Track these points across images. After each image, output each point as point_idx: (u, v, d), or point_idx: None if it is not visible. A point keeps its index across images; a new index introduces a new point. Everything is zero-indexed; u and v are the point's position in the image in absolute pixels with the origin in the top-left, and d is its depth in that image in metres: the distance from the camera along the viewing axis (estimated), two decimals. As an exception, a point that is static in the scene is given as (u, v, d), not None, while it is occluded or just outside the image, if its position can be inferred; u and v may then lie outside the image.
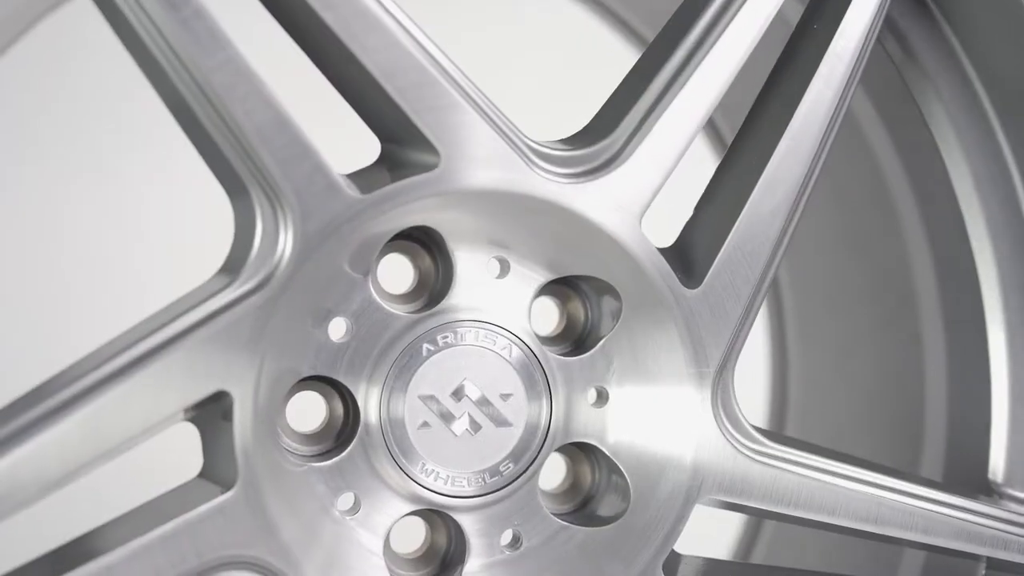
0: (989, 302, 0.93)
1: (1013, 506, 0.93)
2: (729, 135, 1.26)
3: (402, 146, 0.79)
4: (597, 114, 0.84)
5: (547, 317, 0.89)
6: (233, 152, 0.73)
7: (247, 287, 0.74)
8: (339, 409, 0.83)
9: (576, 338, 0.88)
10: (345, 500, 0.81)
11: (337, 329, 0.79)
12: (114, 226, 1.24)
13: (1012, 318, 0.94)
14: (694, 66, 0.82)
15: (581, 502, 0.88)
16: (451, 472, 0.82)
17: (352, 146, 0.83)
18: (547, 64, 1.48)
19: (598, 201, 0.81)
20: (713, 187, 0.87)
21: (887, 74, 0.94)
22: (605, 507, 0.87)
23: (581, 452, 0.88)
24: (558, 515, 0.85)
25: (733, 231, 0.83)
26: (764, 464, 0.85)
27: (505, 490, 0.83)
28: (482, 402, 0.82)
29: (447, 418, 0.81)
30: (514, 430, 0.83)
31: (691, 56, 0.82)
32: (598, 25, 1.34)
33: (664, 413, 0.85)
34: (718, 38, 0.82)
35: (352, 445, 0.80)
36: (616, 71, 0.87)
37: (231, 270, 0.75)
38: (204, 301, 0.74)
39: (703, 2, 0.83)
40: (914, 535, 0.86)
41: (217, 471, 0.76)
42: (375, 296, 0.79)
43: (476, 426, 0.82)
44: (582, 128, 0.84)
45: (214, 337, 0.73)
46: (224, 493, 0.74)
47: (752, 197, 0.83)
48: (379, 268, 0.83)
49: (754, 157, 0.84)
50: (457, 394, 0.81)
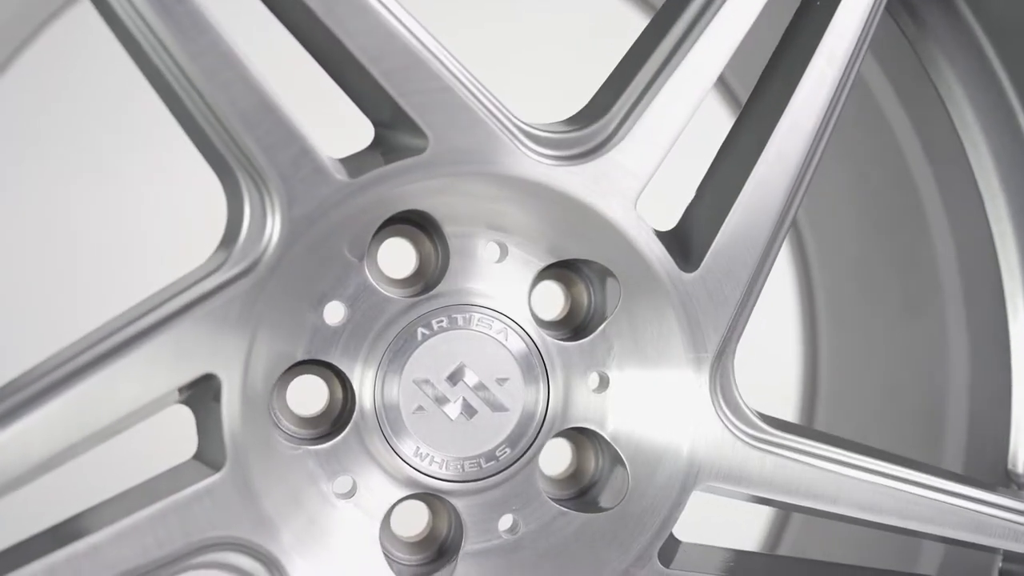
0: (1010, 288, 0.91)
1: (1032, 497, 0.90)
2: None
3: (392, 130, 0.79)
4: (593, 96, 0.83)
5: (553, 302, 0.88)
6: (219, 138, 0.74)
7: (234, 271, 0.75)
8: (339, 393, 0.83)
9: (579, 323, 0.87)
10: (341, 484, 0.81)
11: (332, 313, 0.80)
12: (117, 221, 1.26)
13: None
14: (688, 47, 0.80)
15: (582, 488, 0.88)
16: (446, 456, 0.82)
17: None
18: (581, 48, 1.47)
19: (591, 184, 0.80)
20: (713, 169, 0.86)
21: (903, 51, 0.91)
22: (605, 494, 0.86)
23: (586, 438, 0.87)
24: (557, 501, 0.85)
25: (731, 215, 0.82)
26: (764, 451, 0.84)
27: (502, 475, 0.83)
28: (478, 387, 0.81)
29: (442, 402, 0.81)
30: (510, 415, 0.82)
31: (685, 37, 0.80)
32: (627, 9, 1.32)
33: (663, 399, 0.84)
34: (712, 18, 0.80)
35: (348, 429, 0.80)
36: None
37: (220, 255, 0.76)
38: (192, 285, 0.75)
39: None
40: (919, 525, 0.84)
41: (208, 453, 0.77)
42: (371, 280, 0.80)
43: (472, 411, 0.81)
44: (578, 110, 0.84)
45: (201, 321, 0.74)
46: (213, 475, 0.75)
47: (750, 180, 0.81)
48: (379, 252, 0.83)
49: (753, 139, 0.83)
50: (453, 378, 0.81)
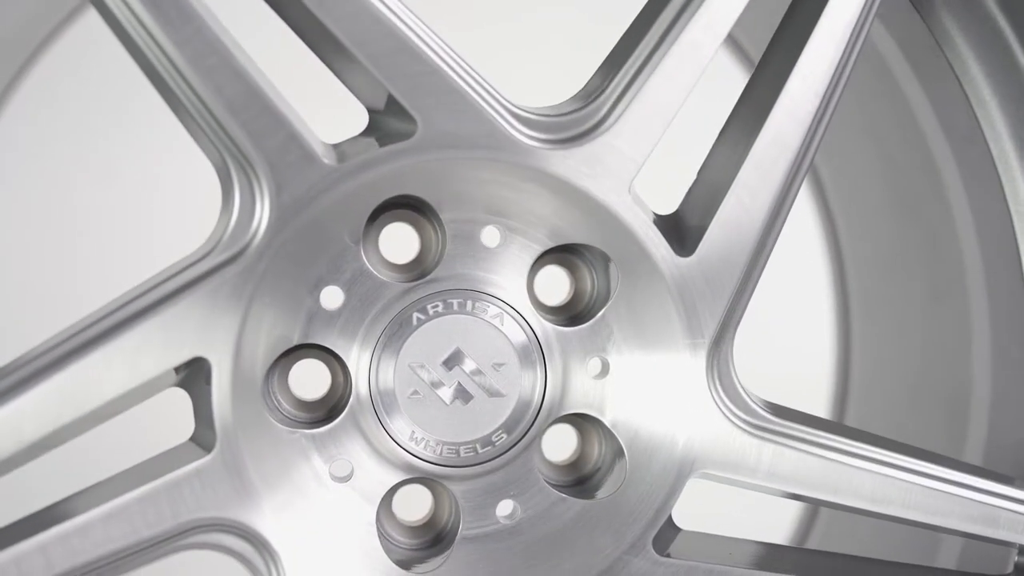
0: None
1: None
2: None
3: (384, 115, 0.79)
4: (589, 80, 0.83)
5: (559, 287, 0.88)
6: (206, 125, 0.74)
7: (223, 257, 0.76)
8: (340, 378, 0.84)
9: (582, 308, 0.86)
10: (337, 467, 0.82)
11: (330, 297, 0.80)
12: (121, 219, 1.28)
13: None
14: (682, 26, 0.79)
15: (584, 475, 0.87)
16: (441, 441, 0.82)
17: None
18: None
19: (583, 167, 0.79)
20: (713, 152, 0.84)
21: (915, 26, 0.88)
22: (605, 481, 0.85)
23: (590, 426, 0.87)
24: (557, 487, 0.84)
25: (727, 198, 0.80)
26: (762, 439, 0.82)
27: (498, 460, 0.82)
28: (474, 372, 0.81)
29: (437, 387, 0.81)
30: (507, 400, 0.82)
31: (678, 17, 0.79)
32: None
33: (660, 386, 0.83)
34: (705, -2, 0.79)
35: (344, 413, 0.81)
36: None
37: (211, 241, 0.77)
38: (183, 271, 0.76)
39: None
40: (926, 516, 0.82)
41: (201, 435, 0.78)
42: (367, 265, 0.80)
43: (467, 396, 0.81)
44: (574, 94, 0.83)
45: (190, 305, 0.75)
46: (203, 457, 0.76)
47: (745, 164, 0.80)
48: (381, 237, 0.84)
49: (750, 122, 0.81)
50: (448, 363, 0.81)
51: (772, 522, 1.23)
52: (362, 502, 0.82)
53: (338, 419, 0.81)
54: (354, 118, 0.84)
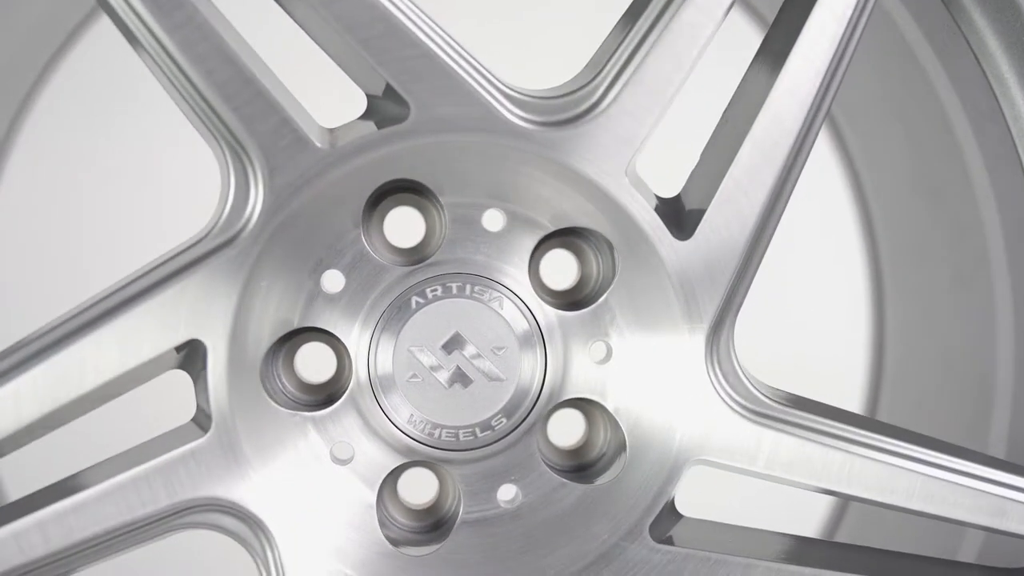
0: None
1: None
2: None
3: (379, 98, 0.79)
4: (588, 62, 0.82)
5: (566, 272, 0.87)
6: (200, 110, 0.75)
7: (219, 241, 0.77)
8: (345, 360, 0.84)
9: (588, 292, 0.85)
10: (337, 450, 0.82)
11: (331, 281, 0.81)
12: (127, 218, 1.29)
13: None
14: (677, 5, 0.77)
15: (588, 461, 0.86)
16: (440, 425, 0.82)
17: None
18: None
19: (579, 150, 0.78)
20: (715, 134, 0.83)
21: (934, 6, 0.86)
22: (608, 466, 0.84)
23: (596, 411, 0.86)
24: (560, 471, 0.84)
25: (726, 179, 0.79)
26: (763, 426, 0.80)
27: (498, 445, 0.82)
28: (473, 356, 0.81)
29: (436, 371, 0.81)
30: (506, 385, 0.81)
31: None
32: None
33: (659, 372, 0.82)
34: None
35: (345, 396, 0.81)
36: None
37: (208, 226, 0.78)
38: (179, 255, 0.77)
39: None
40: (935, 508, 0.79)
41: (199, 417, 0.79)
42: (368, 248, 0.80)
43: (466, 380, 0.81)
44: (573, 76, 0.82)
45: (186, 288, 0.76)
46: (199, 438, 0.77)
47: (745, 144, 0.78)
48: (386, 221, 0.84)
49: (751, 103, 0.79)
50: (448, 347, 0.81)
51: (803, 515, 1.21)
52: (362, 485, 0.82)
53: (339, 402, 0.81)
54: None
